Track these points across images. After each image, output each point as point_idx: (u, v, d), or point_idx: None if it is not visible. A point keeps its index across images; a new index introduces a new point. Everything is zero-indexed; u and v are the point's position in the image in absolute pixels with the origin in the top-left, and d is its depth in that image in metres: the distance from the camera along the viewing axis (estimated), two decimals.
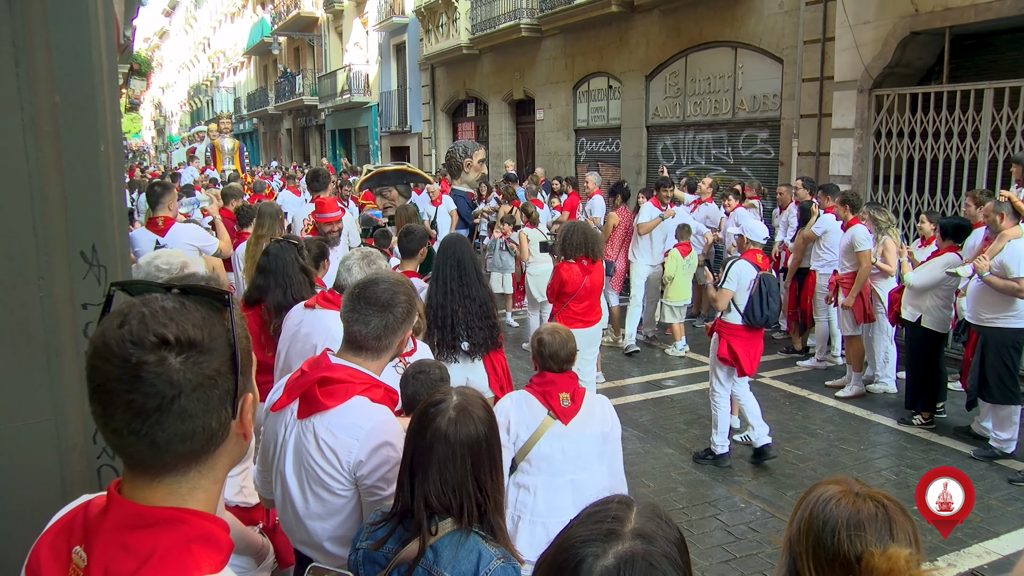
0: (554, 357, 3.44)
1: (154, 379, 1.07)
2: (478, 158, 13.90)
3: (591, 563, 1.17)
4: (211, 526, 1.16)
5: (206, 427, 1.13)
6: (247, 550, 2.50)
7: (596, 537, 1.20)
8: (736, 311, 5.86)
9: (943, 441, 6.53)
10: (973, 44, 9.12)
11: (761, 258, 5.98)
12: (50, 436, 1.98)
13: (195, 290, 1.19)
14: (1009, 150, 8.09)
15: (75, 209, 2.01)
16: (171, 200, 6.70)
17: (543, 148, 17.82)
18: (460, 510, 1.97)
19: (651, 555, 1.17)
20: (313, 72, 32.62)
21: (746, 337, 5.88)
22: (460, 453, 1.99)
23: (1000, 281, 5.86)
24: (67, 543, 1.19)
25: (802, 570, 1.56)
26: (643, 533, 1.21)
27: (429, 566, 1.93)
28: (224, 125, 21.29)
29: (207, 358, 1.12)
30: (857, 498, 1.56)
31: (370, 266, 3.58)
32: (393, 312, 2.37)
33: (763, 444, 6.11)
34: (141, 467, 1.14)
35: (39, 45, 1.91)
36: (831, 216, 8.24)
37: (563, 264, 6.24)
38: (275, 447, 2.42)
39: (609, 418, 3.44)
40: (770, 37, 11.60)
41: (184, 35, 64.72)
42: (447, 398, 2.08)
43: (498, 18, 17.91)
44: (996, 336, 6.04)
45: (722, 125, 12.81)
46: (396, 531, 2.03)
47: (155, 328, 1.09)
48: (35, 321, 1.95)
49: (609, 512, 1.25)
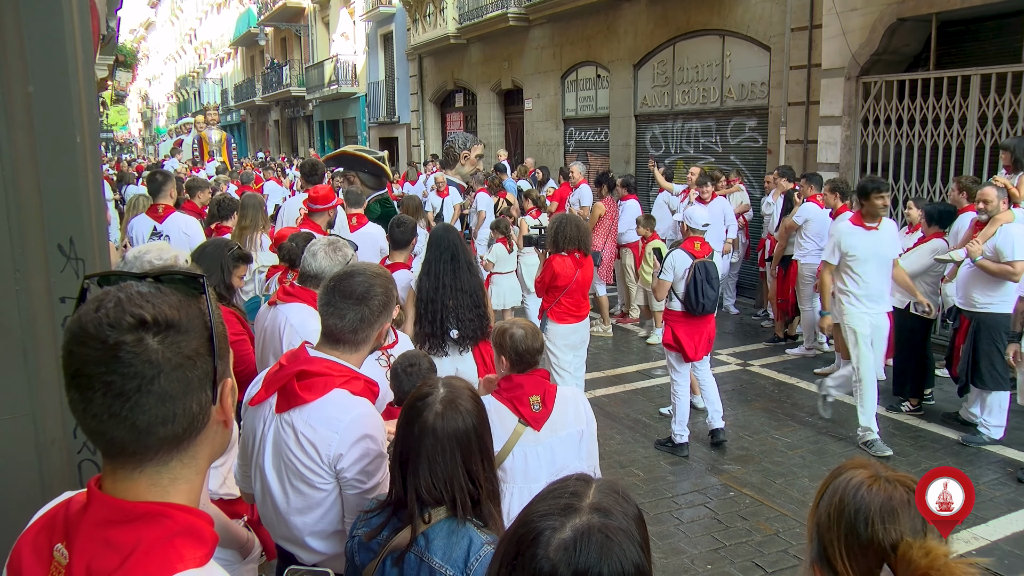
0: (517, 353, 3.19)
1: (132, 359, 1.06)
2: (475, 152, 13.97)
3: (548, 536, 1.19)
4: (195, 519, 1.15)
5: (187, 410, 1.12)
6: (231, 543, 2.49)
7: (554, 511, 1.22)
8: (676, 299, 6.03)
9: (931, 427, 6.56)
10: (959, 31, 9.13)
11: (699, 246, 6.07)
12: (28, 431, 1.95)
13: (170, 276, 1.18)
14: (996, 136, 8.12)
15: (51, 201, 1.98)
16: (171, 188, 6.82)
17: (532, 138, 17.78)
18: (453, 502, 1.97)
19: (608, 528, 1.19)
20: (300, 63, 32.44)
21: (688, 323, 6.03)
22: (449, 446, 1.98)
23: (994, 265, 5.88)
24: (48, 541, 1.18)
25: (833, 557, 1.53)
26: (600, 507, 1.23)
27: (421, 552, 1.94)
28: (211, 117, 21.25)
29: (185, 338, 1.11)
30: (887, 483, 1.54)
31: (336, 253, 3.54)
32: (369, 305, 2.35)
33: (716, 426, 6.27)
34: (122, 456, 1.12)
35: (11, 34, 1.87)
36: (812, 205, 8.26)
37: (556, 256, 6.11)
38: (254, 442, 2.40)
39: (583, 415, 3.22)
40: (757, 25, 11.58)
41: (170, 26, 64.20)
42: (434, 391, 2.07)
43: (485, 7, 17.82)
44: (988, 321, 6.06)
45: (710, 114, 12.80)
46: (391, 520, 2.03)
47: (132, 310, 1.08)
48: (11, 315, 1.92)
49: (567, 488, 1.27)
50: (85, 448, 2.05)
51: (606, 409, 7.14)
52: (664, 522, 5.04)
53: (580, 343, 6.37)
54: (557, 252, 6.13)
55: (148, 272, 1.19)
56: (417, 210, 8.88)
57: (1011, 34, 8.54)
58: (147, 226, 6.51)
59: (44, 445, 1.98)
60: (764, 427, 6.65)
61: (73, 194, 2.02)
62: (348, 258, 3.57)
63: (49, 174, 1.97)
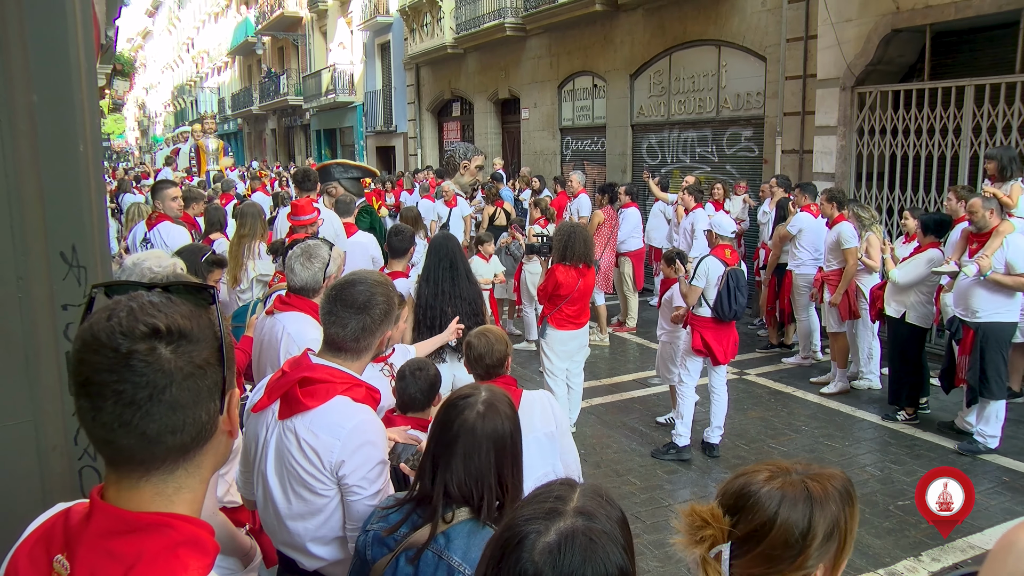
0: (479, 361, 3.25)
1: (145, 368, 1.07)
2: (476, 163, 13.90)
3: (533, 539, 1.21)
4: (197, 530, 1.15)
5: (196, 419, 1.12)
6: (235, 552, 2.49)
7: (539, 515, 1.25)
8: (706, 305, 6.04)
9: (927, 436, 6.57)
10: (954, 41, 9.19)
11: (729, 253, 6.11)
12: (30, 437, 1.96)
13: (179, 287, 1.19)
14: (990, 146, 8.15)
15: (54, 209, 1.99)
16: (169, 199, 6.73)
17: (529, 147, 17.82)
18: (480, 502, 1.99)
19: (591, 531, 1.21)
20: (297, 72, 32.48)
21: (717, 329, 6.07)
22: (485, 446, 2.01)
23: (1009, 278, 5.90)
24: (47, 552, 1.17)
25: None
26: (584, 511, 1.25)
27: (440, 550, 1.95)
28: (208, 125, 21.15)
29: (197, 348, 1.12)
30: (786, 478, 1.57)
31: (311, 260, 3.53)
32: (371, 314, 2.37)
33: (713, 442, 6.30)
34: (128, 465, 1.13)
35: (15, 43, 1.89)
36: (807, 215, 8.28)
37: (559, 266, 6.14)
38: (256, 448, 2.41)
39: (551, 417, 3.18)
40: (753, 35, 11.64)
41: (167, 35, 64.31)
42: (476, 392, 2.11)
43: (482, 17, 17.88)
44: (995, 331, 6.06)
45: (706, 123, 12.84)
46: (411, 517, 2.04)
47: (144, 319, 1.08)
48: (13, 322, 1.93)
49: (552, 492, 1.30)
50: (86, 455, 2.06)
51: (603, 418, 7.15)
52: (661, 530, 5.04)
53: (578, 350, 6.42)
54: (562, 262, 6.16)
55: (157, 282, 1.19)
56: (416, 221, 8.90)
57: (1004, 45, 8.59)
58: (141, 233, 6.52)
59: (45, 451, 1.99)
60: (760, 436, 6.66)
61: (76, 202, 2.03)
62: (326, 260, 3.55)
63: (52, 182, 1.98)
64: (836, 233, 7.50)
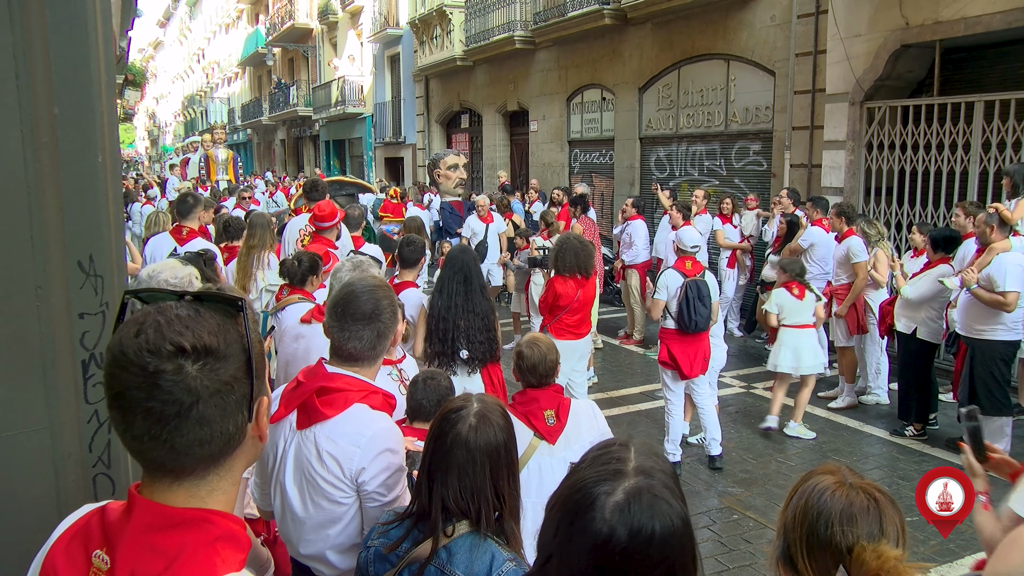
0: (533, 371, 3.36)
1: (172, 387, 1.09)
2: (445, 166, 13.82)
3: (604, 500, 1.29)
4: (233, 525, 1.19)
5: (224, 432, 1.15)
6: (253, 562, 2.50)
7: (605, 477, 1.33)
8: (670, 317, 6.10)
9: (935, 452, 6.55)
10: (963, 57, 9.20)
11: (690, 265, 6.17)
12: (46, 445, 1.98)
13: (208, 297, 1.21)
14: (999, 162, 8.16)
15: (72, 219, 2.01)
16: (200, 212, 6.78)
17: (537, 159, 17.87)
18: (478, 514, 1.99)
19: (653, 488, 1.30)
20: (307, 83, 32.68)
21: (683, 341, 6.08)
22: (479, 459, 2.02)
23: (986, 294, 5.89)
24: (84, 548, 1.20)
25: (795, 556, 1.68)
26: (644, 469, 1.33)
27: (442, 565, 1.95)
28: (218, 135, 21.29)
29: (223, 364, 1.14)
30: (851, 490, 1.67)
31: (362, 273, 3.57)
32: (381, 319, 2.39)
33: (713, 453, 6.28)
34: (161, 471, 1.16)
35: (39, 57, 1.92)
36: (818, 229, 8.28)
37: (557, 278, 6.26)
38: (274, 459, 2.42)
39: (598, 425, 3.33)
40: (762, 50, 11.67)
41: (179, 46, 64.77)
42: (468, 404, 2.11)
43: (492, 30, 17.97)
44: (984, 348, 6.06)
45: (715, 137, 12.87)
46: (412, 532, 2.04)
47: (171, 337, 1.10)
48: (32, 331, 1.95)
49: (612, 454, 1.38)
50: (100, 463, 2.08)
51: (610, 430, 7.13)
52: None
53: (579, 360, 6.49)
54: (559, 274, 6.27)
55: (188, 291, 1.21)
56: (419, 230, 8.97)
57: (1014, 61, 8.61)
58: (167, 246, 6.48)
59: (60, 459, 2.00)
60: (767, 450, 6.65)
61: (94, 212, 2.05)
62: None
63: (71, 193, 2.00)
64: (846, 247, 7.50)
